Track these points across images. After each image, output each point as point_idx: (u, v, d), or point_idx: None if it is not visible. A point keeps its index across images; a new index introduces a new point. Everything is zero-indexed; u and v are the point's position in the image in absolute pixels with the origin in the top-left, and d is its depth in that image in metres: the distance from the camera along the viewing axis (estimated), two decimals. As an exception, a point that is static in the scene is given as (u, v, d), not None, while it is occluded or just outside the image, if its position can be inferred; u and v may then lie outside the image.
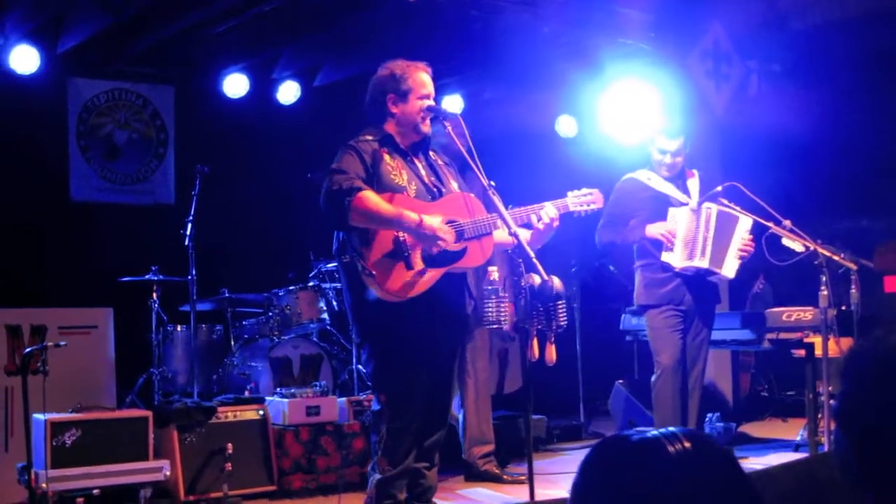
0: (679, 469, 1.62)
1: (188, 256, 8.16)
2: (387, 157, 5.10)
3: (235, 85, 10.16)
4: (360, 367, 8.37)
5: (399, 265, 4.88)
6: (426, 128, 5.24)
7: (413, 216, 4.82)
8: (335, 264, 8.65)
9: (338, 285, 8.56)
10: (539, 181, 5.87)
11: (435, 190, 5.17)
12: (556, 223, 5.25)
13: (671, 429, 1.71)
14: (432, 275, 4.95)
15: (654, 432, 1.71)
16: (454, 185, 5.31)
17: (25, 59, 8.95)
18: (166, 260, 8.54)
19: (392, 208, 4.85)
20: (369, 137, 5.14)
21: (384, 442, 5.10)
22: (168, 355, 8.71)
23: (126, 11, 8.63)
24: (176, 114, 10.39)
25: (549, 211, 5.23)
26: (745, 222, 6.91)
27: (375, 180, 4.99)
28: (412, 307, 4.93)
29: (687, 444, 1.66)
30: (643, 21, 9.01)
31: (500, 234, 5.18)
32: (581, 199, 5.39)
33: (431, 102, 5.25)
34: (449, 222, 4.99)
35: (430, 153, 5.38)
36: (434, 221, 4.84)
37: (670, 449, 1.64)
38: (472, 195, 5.31)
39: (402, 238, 4.89)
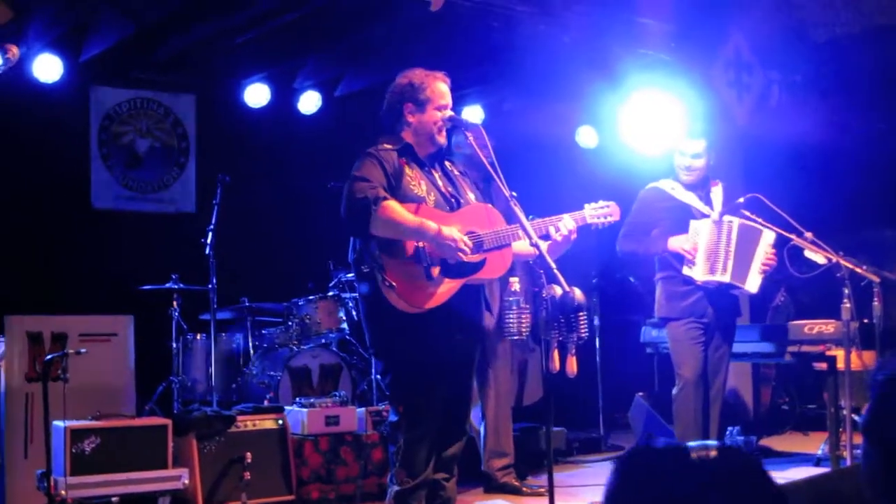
0: (707, 476, 1.61)
1: (208, 265, 8.18)
2: (406, 168, 5.07)
3: (257, 94, 10.18)
4: (378, 377, 8.36)
5: (418, 276, 4.85)
6: (442, 139, 5.21)
7: (433, 226, 4.80)
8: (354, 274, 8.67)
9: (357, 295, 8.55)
10: (559, 192, 5.86)
11: (453, 201, 5.15)
12: (573, 235, 5.23)
13: (697, 442, 1.70)
14: (451, 286, 4.92)
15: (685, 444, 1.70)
16: (471, 195, 5.28)
17: (48, 68, 8.98)
18: (187, 268, 8.56)
19: (415, 218, 4.83)
20: (388, 146, 5.10)
21: (402, 453, 5.07)
22: (188, 364, 8.72)
23: (148, 19, 8.66)
24: (197, 123, 10.42)
25: (567, 223, 5.21)
26: (768, 236, 6.85)
27: (397, 190, 4.97)
28: (430, 318, 4.90)
29: (713, 453, 1.65)
30: (664, 31, 8.99)
31: (521, 245, 5.15)
32: (598, 212, 5.36)
33: (450, 113, 5.22)
34: (468, 233, 4.96)
35: (447, 163, 5.36)
36: (454, 231, 4.82)
37: (696, 456, 1.64)
38: (491, 206, 5.29)
39: (422, 248, 4.86)
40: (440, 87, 5.20)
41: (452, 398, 5.15)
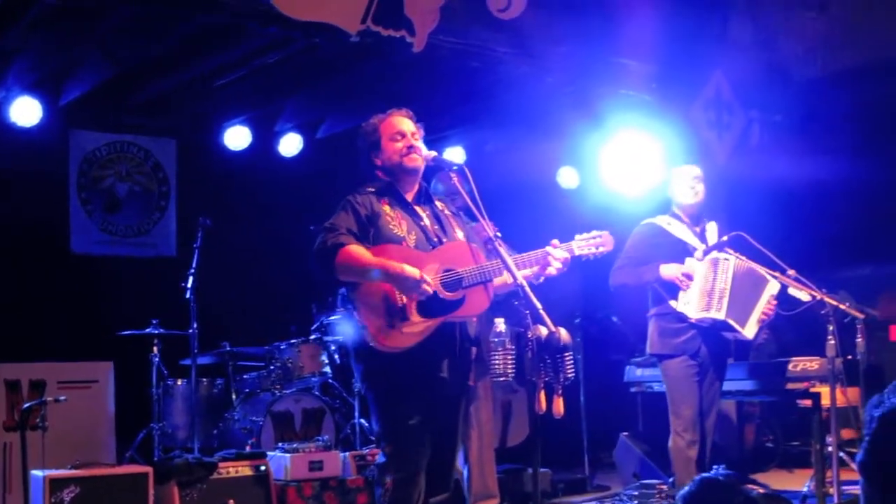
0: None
1: (189, 310, 8.12)
2: (386, 208, 5.09)
3: (237, 137, 10.17)
4: (362, 420, 8.30)
5: (392, 316, 4.85)
6: (411, 162, 5.19)
7: (394, 266, 4.80)
8: (337, 317, 8.62)
9: (340, 338, 8.51)
10: (541, 233, 5.83)
11: (436, 239, 5.13)
12: (564, 269, 5.20)
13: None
14: (428, 324, 4.90)
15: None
16: (460, 234, 5.26)
17: (27, 111, 8.97)
18: (167, 313, 8.49)
19: (374, 260, 4.85)
20: (371, 189, 5.16)
21: (390, 494, 5.02)
22: (168, 410, 8.64)
23: (128, 63, 8.65)
24: (178, 166, 10.39)
25: (558, 253, 5.17)
26: (773, 286, 6.81)
27: (373, 231, 4.99)
28: (409, 357, 4.88)
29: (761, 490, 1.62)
30: (645, 72, 9.03)
31: (500, 278, 5.14)
32: (589, 242, 5.31)
33: (409, 141, 5.22)
34: (446, 270, 4.94)
35: (437, 203, 5.35)
36: (412, 270, 4.80)
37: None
38: (475, 245, 5.27)
39: (394, 289, 4.86)
40: (389, 122, 5.25)
41: (439, 440, 5.09)
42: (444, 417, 5.12)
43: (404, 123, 5.25)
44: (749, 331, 6.79)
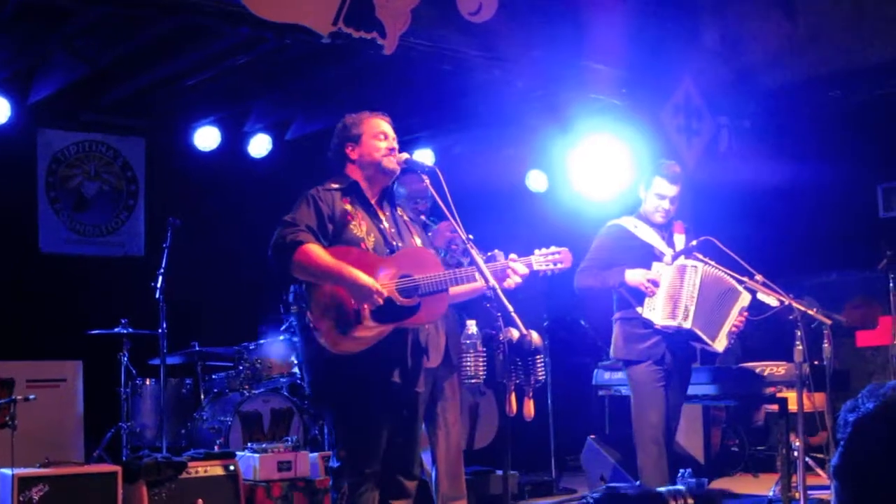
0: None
1: (159, 309, 8.11)
2: (348, 207, 5.08)
3: (207, 138, 10.16)
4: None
5: (346, 319, 4.83)
6: (390, 163, 5.20)
7: (350, 271, 4.79)
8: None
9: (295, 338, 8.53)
10: (509, 236, 5.86)
11: (394, 244, 5.14)
12: (520, 283, 5.22)
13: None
14: (381, 330, 4.88)
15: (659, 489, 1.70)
16: (417, 240, 5.27)
17: (-4, 110, 8.93)
18: (136, 313, 8.48)
19: (332, 262, 4.83)
20: (334, 186, 5.13)
21: (346, 500, 5.01)
22: (137, 409, 8.63)
23: (98, 62, 8.62)
24: (147, 166, 10.36)
25: (518, 268, 5.19)
26: (745, 298, 6.73)
27: (333, 229, 4.98)
28: (362, 360, 4.86)
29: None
30: (614, 77, 9.07)
31: (473, 285, 5.16)
32: (548, 258, 5.31)
33: (391, 143, 5.24)
34: (402, 276, 4.95)
35: (398, 209, 5.36)
36: (366, 278, 4.80)
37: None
38: (430, 251, 5.28)
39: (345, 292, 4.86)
40: (375, 121, 5.25)
41: (396, 444, 5.09)
42: (398, 421, 5.11)
43: (384, 126, 5.27)
44: (719, 344, 6.71)
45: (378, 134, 5.22)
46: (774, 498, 8.07)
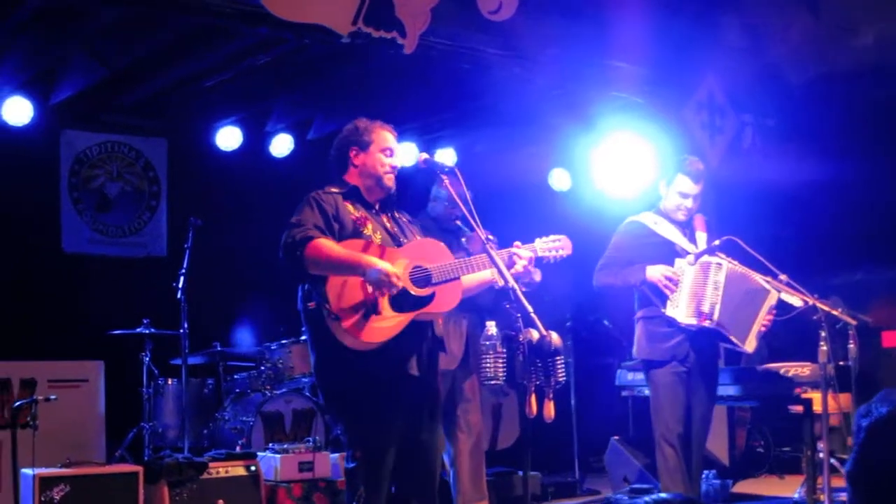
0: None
1: (180, 309, 8.11)
2: (350, 208, 5.08)
3: (228, 138, 10.16)
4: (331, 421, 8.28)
5: (364, 310, 4.81)
6: (390, 182, 5.21)
7: (365, 258, 4.79)
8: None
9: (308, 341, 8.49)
10: (532, 235, 5.81)
11: (401, 240, 5.13)
12: (530, 267, 5.21)
13: (668, 494, 1.66)
14: (400, 320, 4.87)
15: (653, 496, 1.65)
16: (418, 238, 5.28)
17: (18, 111, 8.95)
18: (158, 313, 8.49)
19: (346, 252, 4.83)
20: (334, 190, 5.15)
21: (363, 501, 4.96)
22: (159, 409, 8.63)
23: (119, 64, 8.63)
24: (169, 166, 10.37)
25: (523, 252, 5.20)
26: (773, 297, 6.65)
27: (339, 228, 4.98)
28: (381, 354, 4.85)
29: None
30: (637, 74, 9.01)
31: (478, 275, 5.16)
32: (549, 245, 5.34)
33: (395, 161, 5.23)
34: (415, 267, 4.94)
35: (395, 213, 5.35)
36: (383, 264, 4.78)
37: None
38: (438, 241, 5.27)
39: (366, 283, 4.83)
40: (384, 134, 5.26)
41: (414, 441, 5.05)
42: (417, 419, 5.07)
43: (393, 142, 5.27)
44: (749, 345, 6.62)
45: (386, 149, 5.22)
46: (799, 500, 8.00)
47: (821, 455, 7.15)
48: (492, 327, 5.16)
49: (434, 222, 7.00)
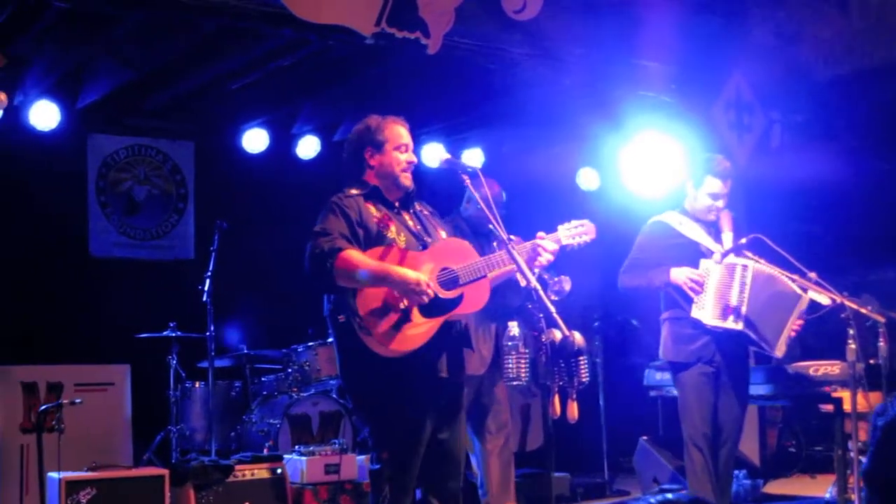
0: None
1: (207, 312, 8.12)
2: (373, 210, 5.02)
3: (255, 140, 10.17)
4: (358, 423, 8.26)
5: (396, 319, 4.76)
6: (407, 181, 5.15)
7: (396, 270, 4.73)
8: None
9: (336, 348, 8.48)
10: (560, 235, 5.80)
11: (425, 240, 5.08)
12: (553, 257, 5.18)
13: (674, 495, 1.62)
14: (432, 325, 4.83)
15: (658, 496, 1.61)
16: (443, 233, 5.22)
17: (45, 115, 8.98)
18: (185, 316, 8.49)
19: (376, 264, 4.76)
20: (355, 191, 5.07)
21: (388, 502, 4.93)
22: (186, 412, 8.64)
23: (145, 67, 8.65)
24: (196, 169, 10.40)
25: (547, 244, 5.15)
26: (804, 301, 6.54)
27: (363, 233, 4.92)
28: (413, 361, 4.80)
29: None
30: (664, 73, 8.95)
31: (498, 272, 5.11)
32: (573, 232, 5.30)
33: (411, 157, 5.18)
34: (442, 270, 4.89)
35: (416, 205, 5.29)
36: (414, 275, 4.73)
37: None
38: (463, 240, 5.23)
39: (395, 292, 4.78)
40: (397, 129, 5.18)
41: (442, 442, 5.02)
42: (442, 417, 5.04)
43: (407, 136, 5.20)
44: (779, 350, 6.55)
45: (400, 146, 5.15)
46: (831, 499, 7.92)
47: (851, 454, 7.08)
48: (514, 328, 5.13)
49: (467, 223, 6.98)
